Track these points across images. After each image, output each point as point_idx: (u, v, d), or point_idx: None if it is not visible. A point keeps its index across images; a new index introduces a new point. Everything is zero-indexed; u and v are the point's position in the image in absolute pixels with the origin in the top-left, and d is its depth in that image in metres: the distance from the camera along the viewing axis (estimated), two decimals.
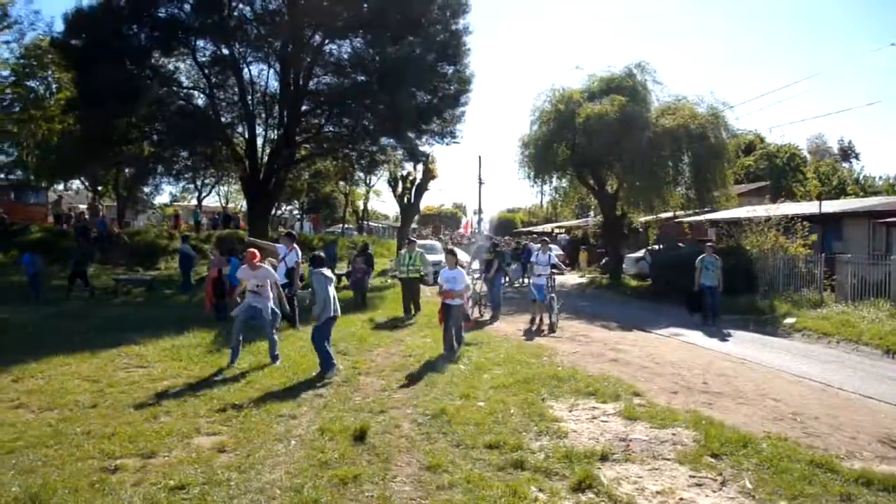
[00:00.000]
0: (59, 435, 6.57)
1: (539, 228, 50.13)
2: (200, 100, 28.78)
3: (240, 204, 60.27)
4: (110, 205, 45.86)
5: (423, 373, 9.66)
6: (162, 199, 50.84)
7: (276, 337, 10.35)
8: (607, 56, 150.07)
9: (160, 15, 25.35)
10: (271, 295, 10.39)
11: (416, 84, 25.49)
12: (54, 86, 32.67)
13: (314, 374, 9.27)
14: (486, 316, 16.52)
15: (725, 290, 16.65)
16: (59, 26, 26.83)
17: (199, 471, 5.65)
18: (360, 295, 18.55)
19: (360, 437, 6.54)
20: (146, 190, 41.37)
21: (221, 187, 56.32)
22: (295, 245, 13.70)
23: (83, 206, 41.30)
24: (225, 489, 5.30)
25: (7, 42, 30.95)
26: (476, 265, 18.73)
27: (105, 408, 7.60)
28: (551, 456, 6.12)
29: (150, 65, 26.44)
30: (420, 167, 33.85)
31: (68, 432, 6.67)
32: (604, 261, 30.70)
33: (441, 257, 28.78)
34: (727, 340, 13.90)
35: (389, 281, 24.13)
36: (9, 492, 5.14)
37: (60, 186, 43.85)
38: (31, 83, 32.16)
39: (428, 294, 18.99)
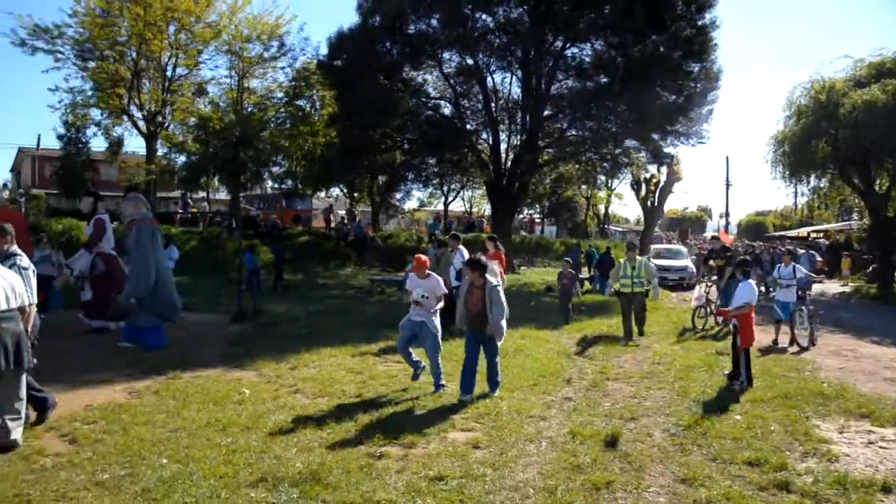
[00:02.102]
0: (331, 420, 7.17)
1: (793, 233, 46.53)
2: (447, 109, 30.23)
3: (483, 208, 62.11)
4: (365, 210, 49.40)
5: (674, 381, 9.37)
6: (411, 204, 53.73)
7: (439, 360, 8.80)
8: (868, 42, 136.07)
9: (410, 31, 26.97)
10: (438, 308, 8.86)
11: (660, 84, 24.78)
12: (318, 103, 35.78)
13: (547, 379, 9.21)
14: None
15: None
16: (324, 50, 29.47)
17: (456, 464, 5.90)
18: (564, 305, 16.03)
19: (611, 443, 6.48)
20: (397, 196, 44.00)
21: (466, 192, 58.35)
22: (461, 246, 13.91)
23: (342, 212, 44.87)
24: (481, 484, 5.48)
25: (282, 68, 34.51)
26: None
27: (368, 398, 8.18)
28: (821, 480, 5.65)
29: (402, 78, 28.26)
30: (664, 169, 32.83)
31: (335, 416, 7.27)
32: (871, 268, 27.84)
33: (686, 262, 27.73)
34: None
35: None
36: (293, 467, 5.71)
37: (322, 193, 47.78)
38: (300, 102, 35.48)
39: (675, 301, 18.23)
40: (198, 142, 33.80)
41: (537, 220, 61.59)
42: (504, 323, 8.26)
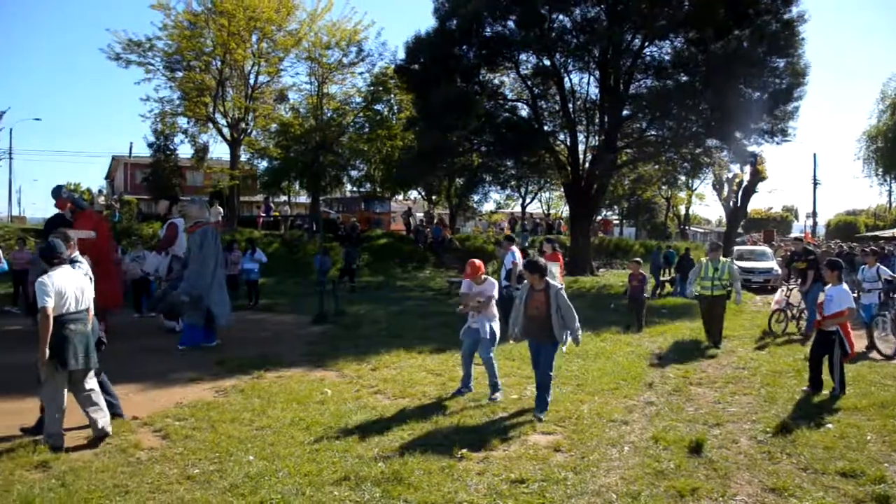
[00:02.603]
0: (411, 421, 7.26)
1: (888, 233, 44.48)
2: (524, 111, 30.14)
3: (560, 210, 61.64)
4: (443, 212, 49.71)
5: (760, 387, 9.10)
6: (488, 206, 53.73)
7: (495, 364, 8.46)
8: None
9: (487, 34, 26.99)
10: (496, 313, 8.59)
11: (743, 81, 24.05)
12: (396, 107, 36.27)
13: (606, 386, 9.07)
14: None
15: None
16: (401, 54, 29.81)
17: (537, 467, 5.88)
18: (635, 310, 14.74)
19: (695, 449, 6.34)
20: (475, 198, 44.14)
21: (543, 194, 58.03)
22: (513, 247, 13.75)
23: (420, 215, 45.29)
24: (562, 488, 5.46)
25: (361, 73, 35.12)
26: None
27: (448, 400, 8.24)
28: None
29: (478, 81, 28.32)
30: (748, 168, 31.86)
31: (416, 415, 7.38)
32: None
33: (771, 264, 26.87)
34: None
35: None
36: (375, 467, 5.82)
37: (400, 196, 48.32)
38: (378, 106, 36.04)
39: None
40: (279, 147, 34.74)
41: (614, 222, 60.72)
42: (578, 327, 7.74)
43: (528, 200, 54.42)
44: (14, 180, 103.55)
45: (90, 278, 6.93)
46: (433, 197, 45.49)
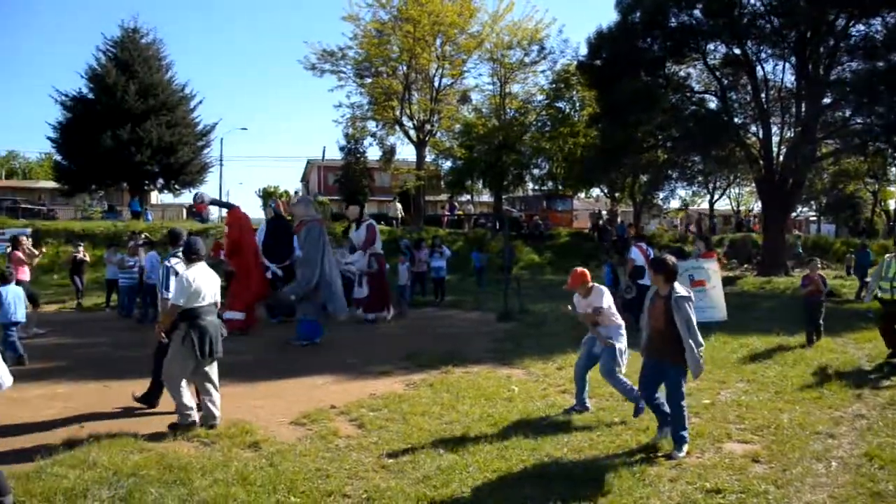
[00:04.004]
0: (599, 421, 7.17)
1: None
2: (712, 103, 28.80)
3: (751, 206, 58.45)
4: (626, 210, 48.64)
5: None
6: (674, 203, 51.96)
7: (626, 381, 7.33)
8: None
9: (671, 25, 26.02)
10: (621, 323, 7.55)
11: None
12: (578, 104, 35.95)
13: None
14: None
15: None
16: (583, 50, 29.55)
17: (734, 478, 5.61)
18: (810, 318, 12.29)
19: None
20: (660, 195, 42.82)
21: (732, 189, 55.26)
22: (641, 243, 13.28)
23: (603, 212, 44.57)
24: (763, 501, 5.18)
25: (542, 71, 35.19)
26: None
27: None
28: None
29: (664, 74, 27.43)
30: None
31: (605, 419, 7.26)
32: None
33: None
34: None
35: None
36: (565, 466, 5.83)
37: (582, 194, 47.83)
38: (560, 104, 35.90)
39: None
40: (463, 147, 35.47)
41: (811, 218, 56.60)
42: (699, 353, 6.09)
43: (716, 197, 52.07)
44: (223, 185, 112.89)
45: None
46: (616, 194, 44.60)
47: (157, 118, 35.70)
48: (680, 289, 6.29)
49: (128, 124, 34.14)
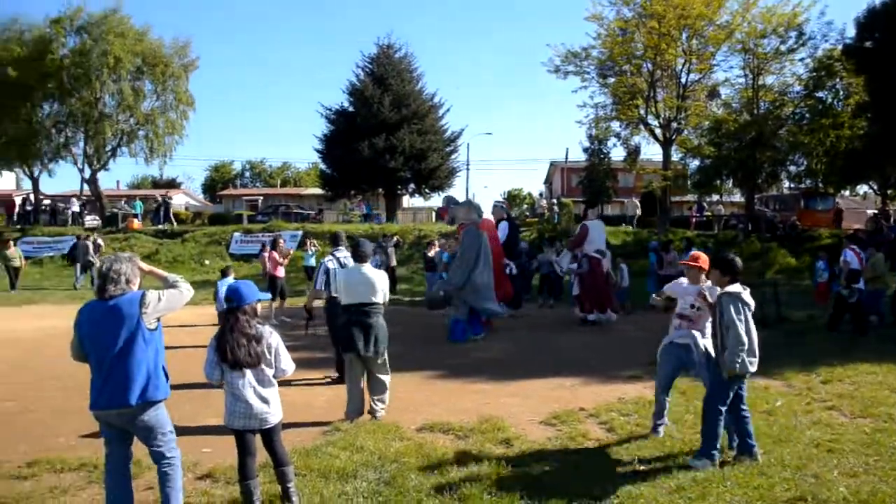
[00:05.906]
0: (876, 444, 6.50)
1: None
2: None
3: None
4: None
5: None
6: None
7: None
8: None
9: None
10: (708, 327, 6.50)
11: None
12: (842, 93, 32.90)
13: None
14: None
15: None
16: (850, 32, 27.04)
17: None
18: None
19: None
20: None
21: None
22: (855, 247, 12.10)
23: (871, 212, 40.38)
24: None
25: (801, 59, 32.55)
26: None
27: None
28: None
29: None
30: None
31: (885, 443, 6.54)
32: None
33: None
34: None
35: None
36: (836, 491, 5.33)
37: (847, 192, 43.85)
38: (821, 94, 33.05)
39: None
40: (712, 145, 33.91)
41: None
42: (738, 353, 5.83)
43: None
44: (469, 188, 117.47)
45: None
46: (888, 191, 40.18)
47: (409, 127, 37.91)
48: (733, 286, 6.00)
49: (383, 133, 36.71)
